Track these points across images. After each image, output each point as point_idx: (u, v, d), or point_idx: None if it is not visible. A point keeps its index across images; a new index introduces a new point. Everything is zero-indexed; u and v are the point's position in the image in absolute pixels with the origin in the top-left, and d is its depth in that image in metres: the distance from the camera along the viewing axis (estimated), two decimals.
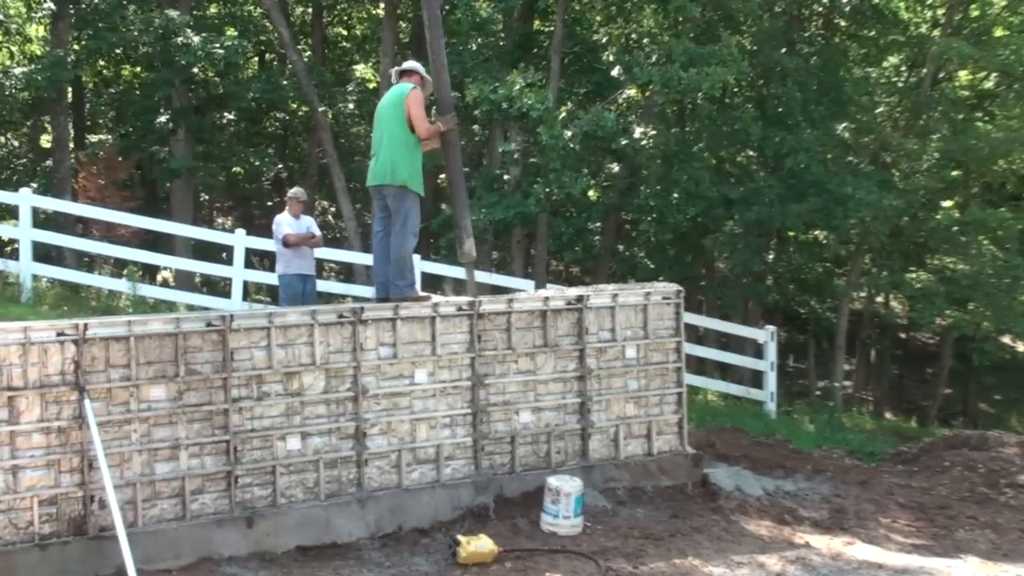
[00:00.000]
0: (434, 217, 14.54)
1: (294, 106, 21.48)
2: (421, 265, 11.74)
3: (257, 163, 20.30)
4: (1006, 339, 19.53)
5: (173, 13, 16.19)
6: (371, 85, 22.92)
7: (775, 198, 14.34)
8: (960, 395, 22.54)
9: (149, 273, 16.06)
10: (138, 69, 19.81)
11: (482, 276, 13.55)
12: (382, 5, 18.90)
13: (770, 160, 15.91)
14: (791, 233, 17.32)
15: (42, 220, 13.69)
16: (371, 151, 7.17)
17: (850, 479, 8.32)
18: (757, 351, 13.88)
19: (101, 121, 23.02)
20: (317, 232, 9.39)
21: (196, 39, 15.56)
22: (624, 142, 14.14)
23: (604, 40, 16.91)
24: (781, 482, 7.95)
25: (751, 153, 16.78)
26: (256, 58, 22.37)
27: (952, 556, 6.19)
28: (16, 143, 21.80)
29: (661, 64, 12.43)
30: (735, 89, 16.48)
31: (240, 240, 12.01)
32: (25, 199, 11.57)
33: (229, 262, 12.45)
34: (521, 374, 6.77)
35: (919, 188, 15.41)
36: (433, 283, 14.05)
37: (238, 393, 5.82)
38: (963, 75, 17.22)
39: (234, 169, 20.70)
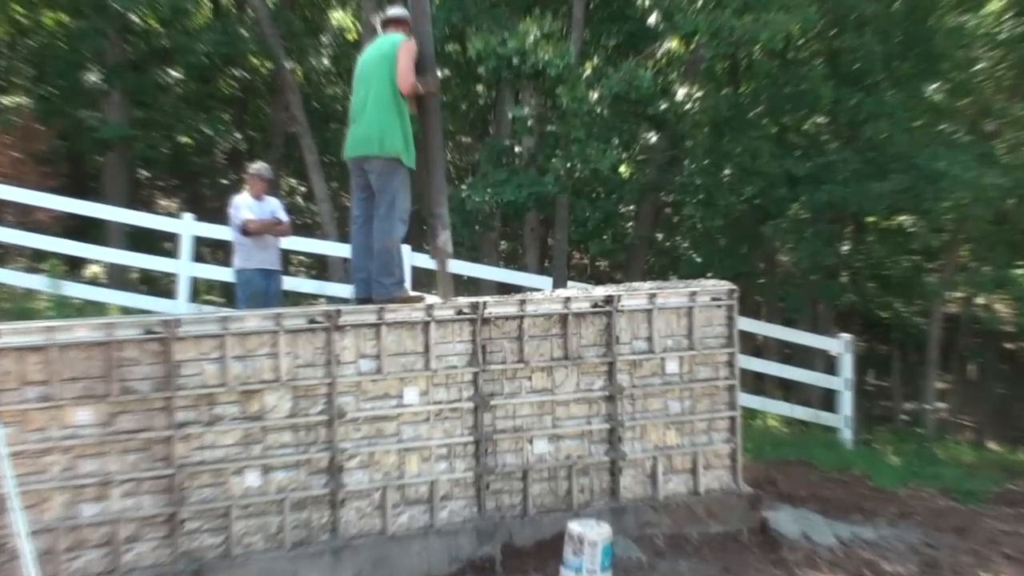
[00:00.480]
0: None
1: (255, 62, 21.51)
2: (412, 258, 11.71)
3: (209, 132, 20.31)
4: None
5: None
6: (350, 36, 22.92)
7: (850, 175, 14.32)
8: None
9: (75, 267, 16.09)
10: (63, 16, 19.83)
11: (489, 272, 13.56)
12: None
13: (844, 128, 15.87)
14: (871, 219, 17.26)
15: None
16: (350, 116, 7.14)
17: (944, 525, 8.28)
18: (829, 365, 13.82)
19: (16, 80, 23.04)
20: (284, 217, 9.39)
21: None
22: (664, 106, 14.10)
23: None
24: (859, 528, 7.91)
25: (821, 120, 16.74)
26: (209, 3, 22.38)
27: None
28: None
29: (709, 10, 12.39)
30: (801, 41, 16.42)
31: (188, 227, 12.01)
32: None
33: (174, 254, 12.45)
34: (535, 393, 6.74)
35: None
36: (427, 280, 14.02)
37: (184, 417, 5.79)
38: None
39: (181, 139, 20.69)
